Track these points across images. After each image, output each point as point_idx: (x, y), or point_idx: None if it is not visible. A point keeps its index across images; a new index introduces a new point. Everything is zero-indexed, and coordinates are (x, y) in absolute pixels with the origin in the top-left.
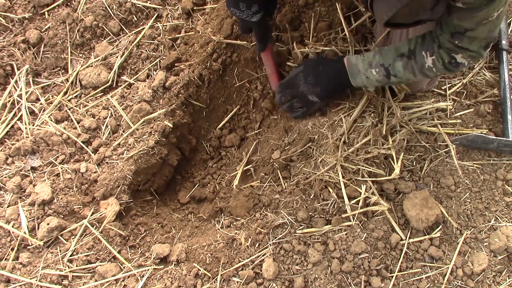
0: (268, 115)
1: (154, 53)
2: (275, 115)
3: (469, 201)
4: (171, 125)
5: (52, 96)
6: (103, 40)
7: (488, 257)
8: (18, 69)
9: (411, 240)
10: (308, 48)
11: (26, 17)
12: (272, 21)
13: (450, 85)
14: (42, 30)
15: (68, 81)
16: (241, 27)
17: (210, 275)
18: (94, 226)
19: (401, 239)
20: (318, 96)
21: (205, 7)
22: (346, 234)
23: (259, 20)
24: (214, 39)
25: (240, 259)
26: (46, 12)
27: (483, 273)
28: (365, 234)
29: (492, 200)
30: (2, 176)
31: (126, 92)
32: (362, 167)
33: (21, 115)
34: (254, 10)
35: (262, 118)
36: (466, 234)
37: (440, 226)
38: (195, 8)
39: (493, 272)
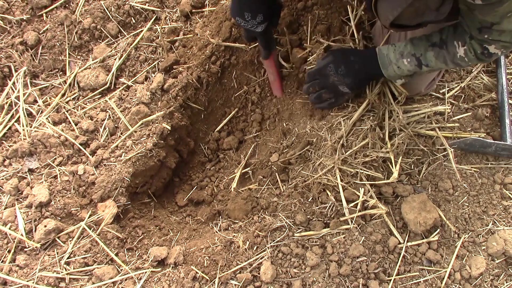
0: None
1: (152, 56)
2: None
3: (467, 204)
4: (169, 128)
5: (50, 98)
6: (101, 42)
7: (486, 261)
8: (16, 71)
9: (409, 244)
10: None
11: (24, 18)
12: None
13: (448, 88)
14: (40, 32)
15: (66, 83)
16: (246, 36)
17: (208, 278)
18: (92, 229)
19: (399, 243)
20: (349, 87)
21: (203, 9)
22: (344, 237)
23: (263, 30)
24: (212, 42)
25: (238, 262)
26: (44, 14)
27: (481, 277)
28: (363, 237)
29: (490, 204)
30: None
31: (124, 94)
32: (361, 170)
33: (19, 117)
34: (259, 20)
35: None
36: (464, 238)
37: (438, 230)
38: (193, 10)
39: (491, 276)
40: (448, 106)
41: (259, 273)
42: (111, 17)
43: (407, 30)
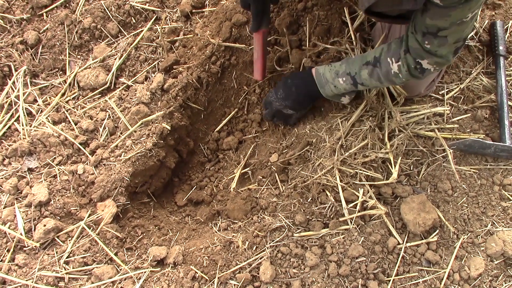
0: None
1: (152, 56)
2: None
3: (466, 205)
4: (169, 128)
5: (49, 97)
6: (101, 42)
7: (484, 262)
8: (16, 70)
9: (408, 244)
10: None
11: (24, 18)
12: (272, 23)
13: (447, 90)
14: (40, 31)
15: (66, 83)
16: (241, 0)
17: (207, 277)
18: (91, 228)
19: (398, 243)
20: (292, 108)
21: (203, 10)
22: (343, 237)
23: None
24: (212, 42)
25: (237, 262)
26: (44, 14)
27: (480, 277)
28: (363, 238)
29: (489, 205)
30: None
31: (124, 94)
32: (360, 171)
33: (18, 116)
34: None
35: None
36: (463, 239)
37: (437, 231)
38: (194, 11)
39: (490, 277)
40: (448, 107)
41: (258, 273)
42: (111, 17)
43: (389, 21)
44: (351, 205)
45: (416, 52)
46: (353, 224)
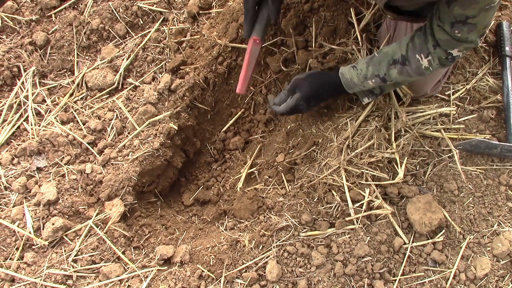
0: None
1: (160, 56)
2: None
3: (472, 205)
4: (176, 128)
5: (58, 97)
6: (109, 43)
7: (491, 262)
8: (25, 71)
9: (414, 244)
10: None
11: (33, 19)
12: (277, 25)
13: (453, 90)
14: (49, 32)
15: (74, 83)
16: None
17: (213, 276)
18: (99, 227)
19: (404, 243)
20: (315, 106)
21: (210, 11)
22: (349, 237)
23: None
24: (219, 43)
25: (243, 261)
26: (53, 15)
27: (486, 277)
28: (369, 237)
29: (495, 205)
30: (8, 176)
31: (131, 95)
32: (366, 171)
33: (27, 116)
34: None
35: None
36: (469, 239)
37: (443, 231)
38: (200, 12)
39: (496, 277)
40: (454, 107)
41: (264, 272)
42: (119, 18)
43: (405, 18)
44: (357, 204)
45: (446, 43)
46: (359, 224)
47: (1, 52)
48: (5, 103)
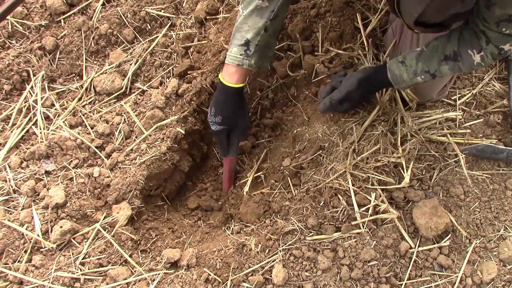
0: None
1: (167, 61)
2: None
3: (479, 210)
4: (183, 132)
5: (66, 102)
6: (117, 48)
7: (497, 267)
8: (34, 75)
9: (420, 249)
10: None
11: (43, 24)
12: (284, 30)
13: (459, 95)
14: (58, 37)
15: (82, 87)
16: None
17: (220, 280)
18: (106, 230)
19: (411, 247)
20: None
21: (217, 16)
22: (355, 241)
23: (217, 131)
24: (226, 48)
25: (250, 264)
26: (62, 20)
27: (492, 282)
28: (375, 241)
29: (502, 210)
30: (16, 180)
31: (139, 99)
32: (372, 175)
33: (36, 120)
34: (217, 120)
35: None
36: (475, 243)
37: (450, 235)
38: (208, 17)
39: (502, 282)
40: (460, 112)
41: (271, 276)
42: (127, 23)
43: (431, 30)
44: (363, 209)
45: (497, 40)
46: (365, 228)
47: (11, 57)
48: (14, 107)
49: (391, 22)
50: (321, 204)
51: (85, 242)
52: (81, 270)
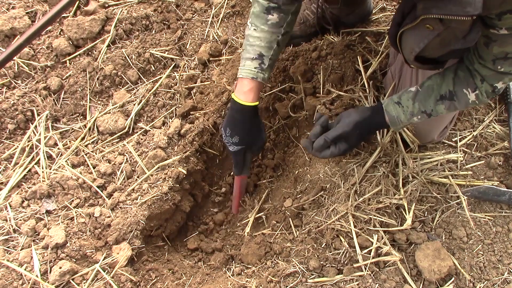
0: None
1: (170, 101)
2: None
3: (482, 253)
4: (185, 172)
5: (69, 141)
6: (121, 88)
7: None
8: (38, 115)
9: None
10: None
11: (48, 65)
12: (286, 72)
13: (460, 137)
14: (63, 78)
15: (86, 127)
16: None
17: None
18: (106, 271)
19: None
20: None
21: (220, 58)
22: (358, 284)
23: (236, 151)
24: (229, 89)
25: None
26: (67, 61)
27: None
28: (377, 284)
29: (505, 253)
30: (17, 219)
31: (142, 139)
32: (374, 217)
33: (39, 159)
34: (234, 141)
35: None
36: (479, 287)
37: (453, 278)
38: (211, 59)
39: None
40: (461, 154)
41: None
42: (131, 64)
43: (427, 67)
44: (365, 251)
45: (491, 78)
46: (367, 271)
47: (16, 97)
48: (17, 146)
49: (390, 65)
50: (322, 246)
51: (84, 283)
52: None
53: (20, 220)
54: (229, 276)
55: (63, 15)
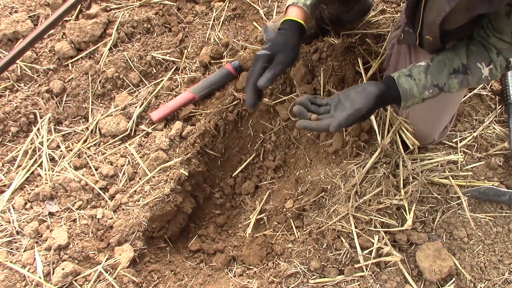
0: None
1: None
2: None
3: (482, 253)
4: (186, 174)
5: (72, 143)
6: (123, 91)
7: None
8: (41, 118)
9: None
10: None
11: (51, 68)
12: (286, 74)
13: (460, 138)
14: (66, 81)
15: (88, 130)
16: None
17: None
18: (108, 272)
19: None
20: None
21: (221, 60)
22: (359, 284)
23: (258, 55)
24: (229, 91)
25: None
26: (70, 64)
27: None
28: (378, 285)
29: (506, 253)
30: (20, 221)
31: (143, 141)
32: (375, 217)
33: (42, 162)
34: (264, 46)
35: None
36: (480, 287)
37: (454, 279)
38: (212, 61)
39: None
40: (461, 155)
41: None
42: (133, 67)
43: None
44: (366, 251)
45: (508, 51)
46: (368, 271)
47: (18, 100)
48: (20, 148)
49: (385, 69)
50: (323, 247)
51: (86, 284)
52: None
53: (23, 222)
54: (231, 277)
55: (65, 19)
